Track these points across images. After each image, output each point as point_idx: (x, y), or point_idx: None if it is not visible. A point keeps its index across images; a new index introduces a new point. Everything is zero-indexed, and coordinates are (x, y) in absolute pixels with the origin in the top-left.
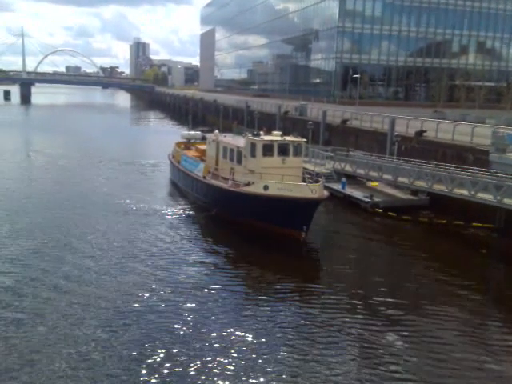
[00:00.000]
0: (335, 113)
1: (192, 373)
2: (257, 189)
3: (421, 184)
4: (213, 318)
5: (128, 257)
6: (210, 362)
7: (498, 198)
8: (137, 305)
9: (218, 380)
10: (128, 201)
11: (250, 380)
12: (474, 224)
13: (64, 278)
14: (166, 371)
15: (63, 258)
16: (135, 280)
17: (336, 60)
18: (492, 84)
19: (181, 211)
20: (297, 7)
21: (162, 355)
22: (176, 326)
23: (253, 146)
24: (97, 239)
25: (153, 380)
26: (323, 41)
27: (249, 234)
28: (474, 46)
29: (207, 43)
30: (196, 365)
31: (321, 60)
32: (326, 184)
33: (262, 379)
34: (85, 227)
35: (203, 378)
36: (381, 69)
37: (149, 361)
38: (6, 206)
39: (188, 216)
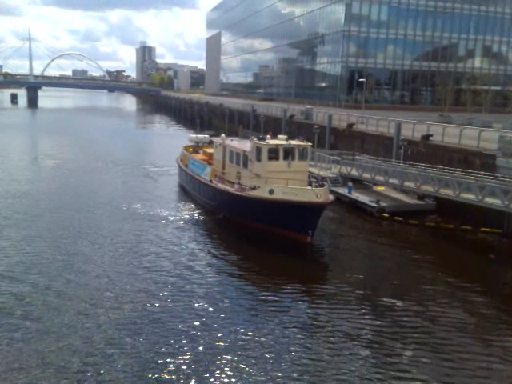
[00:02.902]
0: (341, 117)
1: (201, 371)
2: (262, 193)
3: (427, 188)
4: (222, 318)
5: (137, 260)
6: (219, 360)
7: (506, 202)
8: (148, 305)
9: (226, 378)
10: (137, 205)
11: (259, 378)
12: (481, 229)
13: (74, 282)
14: (175, 369)
15: (72, 263)
16: (144, 282)
17: (342, 64)
18: (498, 88)
19: (189, 215)
20: (303, 11)
21: (172, 354)
22: (186, 325)
23: (258, 150)
24: (106, 243)
25: (164, 376)
26: (329, 45)
27: (256, 238)
28: (480, 49)
29: (213, 47)
30: (205, 363)
31: (327, 64)
32: (332, 188)
33: (270, 377)
34: (93, 231)
35: (212, 375)
36: (387, 73)
37: (159, 360)
38: (14, 208)
39: (196, 219)
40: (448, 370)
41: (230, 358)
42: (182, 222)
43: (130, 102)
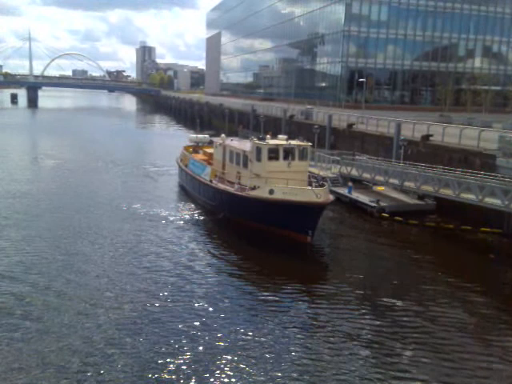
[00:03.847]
0: (341, 117)
1: (201, 371)
2: (262, 193)
3: (427, 188)
4: (222, 318)
5: (137, 260)
6: (219, 360)
7: (506, 202)
8: (148, 305)
9: (226, 378)
10: (137, 205)
11: (259, 378)
12: (481, 229)
13: (74, 282)
14: (175, 369)
15: (72, 263)
16: (144, 282)
17: (342, 64)
18: (498, 88)
19: (189, 215)
20: (303, 11)
21: (172, 354)
22: (186, 325)
23: (258, 150)
24: (106, 243)
25: (164, 376)
26: (329, 45)
27: (256, 238)
28: (480, 49)
29: (213, 47)
30: (205, 363)
31: (327, 64)
32: (332, 188)
33: (270, 377)
34: (93, 231)
35: (212, 375)
36: (387, 73)
37: (159, 360)
38: (14, 208)
39: (196, 219)
40: (448, 369)
41: (229, 357)
42: (182, 222)
43: (129, 102)
